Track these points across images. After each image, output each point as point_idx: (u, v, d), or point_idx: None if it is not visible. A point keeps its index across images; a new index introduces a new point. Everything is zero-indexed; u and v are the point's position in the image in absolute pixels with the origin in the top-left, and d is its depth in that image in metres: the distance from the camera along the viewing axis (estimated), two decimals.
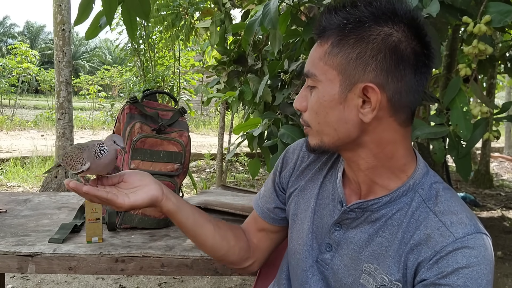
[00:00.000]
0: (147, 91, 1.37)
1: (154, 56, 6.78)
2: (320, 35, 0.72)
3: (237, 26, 2.41)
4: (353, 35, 0.67)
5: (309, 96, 0.73)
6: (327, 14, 0.71)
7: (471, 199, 4.62)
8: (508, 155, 8.63)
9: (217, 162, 4.06)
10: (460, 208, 0.69)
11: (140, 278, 2.60)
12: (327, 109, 0.70)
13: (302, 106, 0.75)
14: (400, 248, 0.69)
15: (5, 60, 10.49)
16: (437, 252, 0.65)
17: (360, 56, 0.67)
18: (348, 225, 0.76)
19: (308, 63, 0.73)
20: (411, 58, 0.67)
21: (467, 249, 0.64)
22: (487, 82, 5.13)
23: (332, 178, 0.82)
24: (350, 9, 0.68)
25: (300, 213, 0.85)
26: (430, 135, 1.25)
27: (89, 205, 1.11)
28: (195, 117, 12.76)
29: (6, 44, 29.83)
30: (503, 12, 1.13)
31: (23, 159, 5.68)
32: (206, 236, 0.86)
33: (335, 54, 0.69)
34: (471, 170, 1.22)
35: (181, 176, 1.29)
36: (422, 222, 0.68)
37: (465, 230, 0.65)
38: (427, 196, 0.70)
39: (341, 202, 0.77)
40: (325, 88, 0.70)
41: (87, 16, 1.51)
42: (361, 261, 0.73)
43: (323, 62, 0.70)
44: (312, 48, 0.74)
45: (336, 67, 0.69)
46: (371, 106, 0.67)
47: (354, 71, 0.67)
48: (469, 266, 0.63)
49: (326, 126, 0.72)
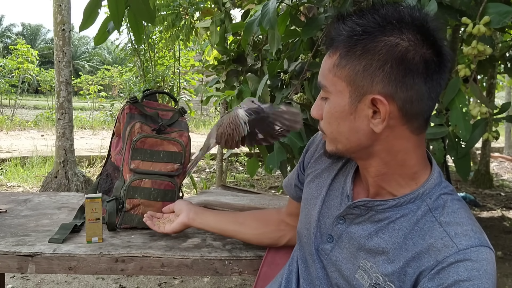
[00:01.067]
0: (147, 91, 1.37)
1: (154, 56, 6.79)
2: (329, 46, 0.73)
3: (237, 25, 2.41)
4: (360, 46, 0.67)
5: (323, 106, 0.75)
6: (335, 24, 0.71)
7: (471, 199, 4.62)
8: (508, 155, 8.63)
9: (217, 162, 4.06)
10: (467, 220, 0.68)
11: (140, 278, 2.60)
12: (338, 120, 0.72)
13: (318, 115, 0.77)
14: (400, 253, 0.69)
15: (5, 60, 10.49)
16: (439, 262, 0.65)
17: (366, 68, 0.67)
18: (352, 220, 0.77)
19: (320, 75, 0.75)
20: (420, 66, 0.66)
21: (469, 262, 0.63)
22: (487, 82, 5.12)
23: (346, 172, 0.84)
24: (357, 19, 0.69)
25: (310, 199, 0.88)
26: (429, 135, 1.26)
27: (89, 205, 1.11)
28: (195, 117, 12.76)
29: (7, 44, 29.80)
30: (502, 13, 1.13)
31: (23, 159, 5.69)
32: (233, 235, 1.11)
33: (343, 66, 0.69)
34: (471, 170, 1.22)
35: (181, 176, 1.30)
36: (427, 231, 0.68)
37: (469, 242, 0.65)
38: (434, 206, 0.70)
39: (348, 196, 0.80)
40: (335, 99, 0.71)
41: (93, 21, 1.51)
42: (359, 257, 0.74)
43: (332, 73, 0.71)
44: (323, 59, 0.75)
45: (345, 78, 0.69)
46: (381, 117, 0.68)
47: (362, 82, 0.68)
48: (469, 279, 0.62)
49: (339, 135, 0.73)
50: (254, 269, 1.09)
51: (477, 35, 1.16)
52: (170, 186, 1.24)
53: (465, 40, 1.51)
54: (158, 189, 1.23)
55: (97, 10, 1.49)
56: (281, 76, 2.05)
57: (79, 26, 1.53)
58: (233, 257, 1.09)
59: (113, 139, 1.39)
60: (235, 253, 1.10)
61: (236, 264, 1.09)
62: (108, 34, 1.56)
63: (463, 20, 1.18)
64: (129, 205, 1.22)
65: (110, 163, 1.36)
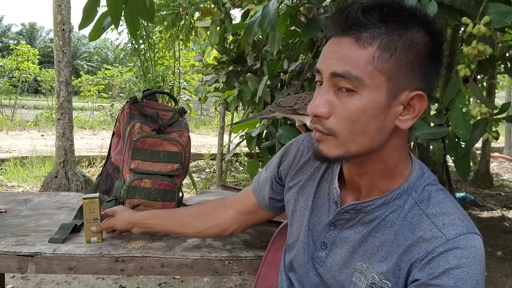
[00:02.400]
0: (147, 91, 1.37)
1: (154, 56, 6.79)
2: (351, 31, 0.65)
3: (237, 26, 2.41)
4: (403, 40, 0.64)
5: (335, 101, 0.67)
6: (366, 10, 0.64)
7: (471, 199, 4.62)
8: (508, 155, 8.63)
9: (217, 162, 4.06)
10: (453, 209, 0.69)
11: (140, 278, 2.60)
12: (370, 118, 0.65)
13: (325, 112, 0.67)
14: (392, 249, 0.70)
15: (5, 60, 10.49)
16: (429, 252, 0.65)
17: (411, 63, 0.65)
18: (343, 226, 0.77)
19: (346, 64, 0.65)
20: (440, 66, 0.68)
21: (458, 250, 0.64)
22: (487, 82, 5.13)
23: (329, 178, 0.82)
24: (393, 10, 0.65)
25: (298, 210, 0.86)
26: (429, 135, 1.25)
27: (87, 206, 1.11)
28: (195, 117, 12.77)
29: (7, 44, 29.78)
30: (503, 13, 1.13)
31: (23, 159, 5.68)
32: (176, 232, 1.11)
33: (386, 60, 0.64)
34: (470, 170, 1.22)
35: (181, 176, 1.30)
36: (415, 225, 0.69)
37: (457, 231, 0.66)
38: (419, 199, 0.71)
39: (336, 203, 0.78)
40: (371, 94, 0.65)
41: (92, 19, 1.51)
42: (354, 260, 0.74)
43: (372, 66, 0.64)
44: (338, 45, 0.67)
45: (386, 73, 0.64)
46: (413, 113, 0.67)
47: (403, 78, 0.65)
48: (459, 267, 0.63)
49: (362, 135, 0.66)
50: (254, 269, 1.09)
51: (477, 35, 1.16)
52: (170, 186, 1.24)
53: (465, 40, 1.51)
54: (158, 189, 1.23)
55: (96, 8, 1.49)
56: (281, 77, 2.05)
57: (79, 24, 1.54)
58: (233, 257, 1.09)
59: (113, 139, 1.39)
60: (235, 253, 1.10)
61: (236, 264, 1.09)
62: (103, 30, 1.57)
63: (463, 20, 1.18)
64: (129, 205, 1.22)
65: (110, 163, 1.36)
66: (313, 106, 0.68)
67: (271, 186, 0.95)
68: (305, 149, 0.89)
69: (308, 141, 0.90)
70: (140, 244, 1.12)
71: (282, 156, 0.92)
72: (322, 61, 0.68)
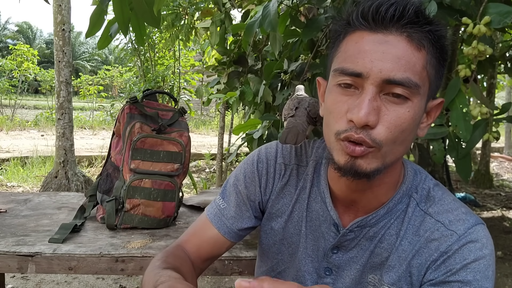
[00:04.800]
0: (147, 91, 1.37)
1: (154, 56, 6.79)
2: (404, 29, 0.58)
3: (237, 26, 2.41)
4: (443, 49, 0.62)
5: (383, 109, 0.59)
6: (418, 8, 0.59)
7: (471, 199, 4.62)
8: (508, 155, 8.63)
9: (217, 162, 4.06)
10: (454, 204, 0.69)
11: (140, 278, 2.60)
12: (415, 126, 0.61)
13: (373, 122, 0.58)
14: (400, 256, 0.68)
15: (5, 60, 10.49)
16: (443, 252, 0.65)
17: (443, 70, 0.64)
18: (347, 247, 0.72)
19: (405, 69, 0.57)
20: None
21: (472, 244, 0.64)
22: (487, 82, 5.13)
23: (317, 198, 0.75)
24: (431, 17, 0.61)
25: (289, 237, 0.78)
26: (429, 136, 1.25)
27: None
28: (195, 117, 12.77)
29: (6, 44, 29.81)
30: (503, 13, 1.13)
31: (23, 159, 5.69)
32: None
33: (433, 66, 0.61)
34: (471, 171, 1.22)
35: (181, 176, 1.30)
36: (419, 227, 0.68)
37: (465, 225, 0.65)
38: (420, 199, 0.70)
39: (335, 225, 0.72)
40: (420, 102, 0.60)
41: (99, 28, 1.52)
42: (365, 275, 0.72)
43: (426, 71, 0.60)
44: (386, 44, 0.58)
45: (430, 78, 0.61)
46: (430, 120, 0.67)
47: (436, 84, 0.63)
48: (476, 260, 0.63)
49: (401, 144, 0.61)
50: (254, 269, 1.09)
51: (477, 35, 1.16)
52: (170, 186, 1.24)
53: (465, 40, 1.51)
54: (158, 189, 1.23)
55: (103, 16, 1.50)
56: (282, 77, 2.05)
57: (86, 33, 1.55)
58: (233, 257, 1.09)
59: (113, 139, 1.39)
60: (235, 253, 1.10)
61: (236, 264, 1.09)
62: (110, 38, 1.57)
63: (464, 20, 1.18)
64: (129, 205, 1.22)
65: (110, 163, 1.36)
66: (364, 114, 0.57)
67: (253, 213, 0.80)
68: (282, 166, 0.78)
69: (282, 157, 0.79)
70: (140, 244, 1.12)
71: (256, 177, 0.78)
72: (368, 62, 0.58)
